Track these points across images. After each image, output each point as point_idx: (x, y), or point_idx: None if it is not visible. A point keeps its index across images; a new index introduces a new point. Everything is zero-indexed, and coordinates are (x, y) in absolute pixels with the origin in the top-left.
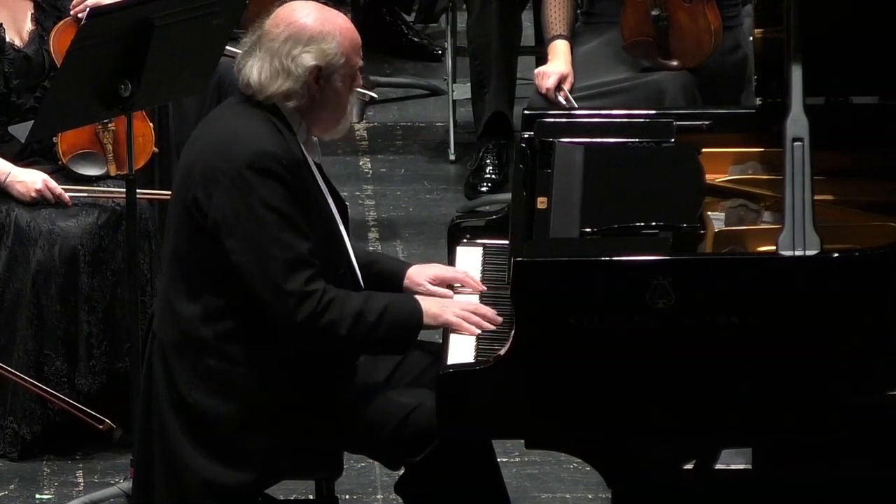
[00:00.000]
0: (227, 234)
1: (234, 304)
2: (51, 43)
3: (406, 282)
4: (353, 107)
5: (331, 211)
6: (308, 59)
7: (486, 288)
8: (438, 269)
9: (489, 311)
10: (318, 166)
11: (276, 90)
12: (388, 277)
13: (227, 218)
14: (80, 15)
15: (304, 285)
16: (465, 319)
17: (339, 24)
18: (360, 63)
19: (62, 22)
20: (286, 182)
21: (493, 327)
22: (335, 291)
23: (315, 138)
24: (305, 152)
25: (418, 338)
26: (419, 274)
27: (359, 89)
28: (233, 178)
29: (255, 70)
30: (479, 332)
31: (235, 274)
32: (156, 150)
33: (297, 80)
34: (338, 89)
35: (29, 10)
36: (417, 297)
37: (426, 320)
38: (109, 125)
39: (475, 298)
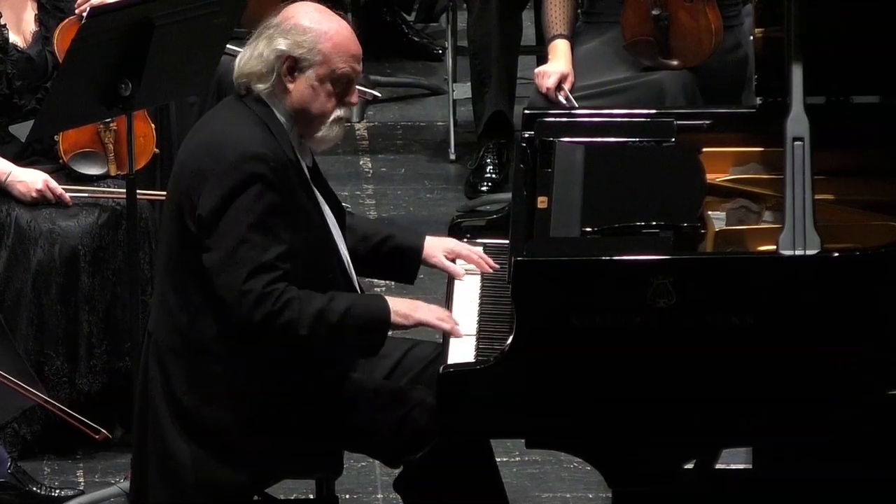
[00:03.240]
0: (206, 232)
1: (225, 305)
2: (54, 42)
3: (423, 254)
4: (336, 122)
5: (321, 214)
6: (279, 45)
7: (498, 266)
8: (452, 243)
9: (456, 324)
10: (314, 168)
11: (249, 70)
12: (405, 252)
13: (208, 216)
14: (83, 14)
15: (263, 287)
16: (439, 319)
17: (332, 26)
18: (345, 70)
19: (66, 21)
20: (271, 184)
21: (462, 334)
22: (296, 291)
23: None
24: (298, 155)
25: (410, 336)
26: (434, 246)
27: (362, 88)
28: (219, 177)
29: (245, 55)
30: (453, 327)
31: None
32: (156, 150)
33: (267, 64)
34: (314, 87)
35: (32, 11)
36: (388, 297)
37: (395, 319)
38: (111, 125)
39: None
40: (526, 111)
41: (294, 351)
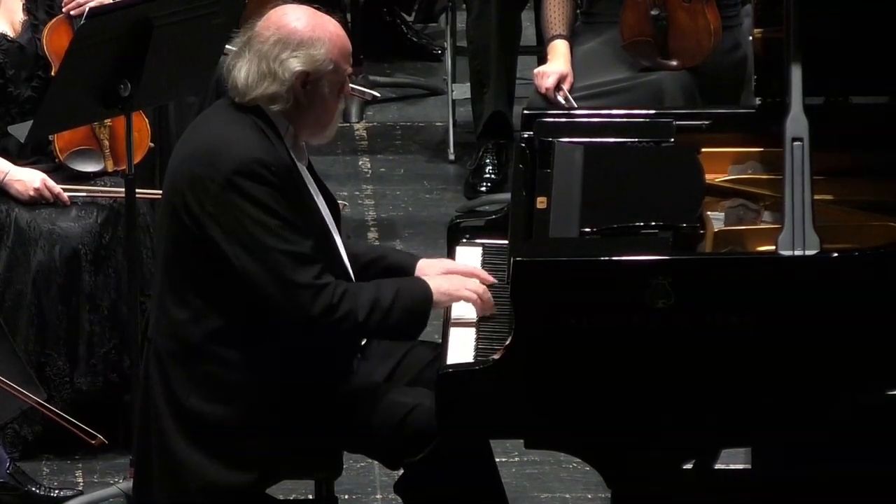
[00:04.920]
0: (228, 241)
1: (225, 307)
2: (44, 40)
3: (416, 274)
4: (340, 113)
5: (321, 214)
6: (295, 64)
7: (496, 281)
8: (448, 263)
9: (491, 300)
10: (309, 168)
11: (262, 93)
12: (397, 272)
13: (225, 226)
14: (72, 13)
15: (315, 279)
16: (479, 296)
17: (330, 30)
18: (350, 70)
19: (54, 20)
20: (276, 186)
21: (492, 311)
22: (345, 283)
23: (303, 142)
24: (294, 156)
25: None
26: (429, 266)
27: (361, 88)
28: (223, 186)
29: (242, 72)
30: (488, 313)
31: (227, 277)
32: (152, 144)
33: (283, 84)
34: (324, 95)
35: (20, 1)
36: (424, 277)
37: (437, 297)
38: (105, 121)
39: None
40: (525, 111)
41: (297, 352)
